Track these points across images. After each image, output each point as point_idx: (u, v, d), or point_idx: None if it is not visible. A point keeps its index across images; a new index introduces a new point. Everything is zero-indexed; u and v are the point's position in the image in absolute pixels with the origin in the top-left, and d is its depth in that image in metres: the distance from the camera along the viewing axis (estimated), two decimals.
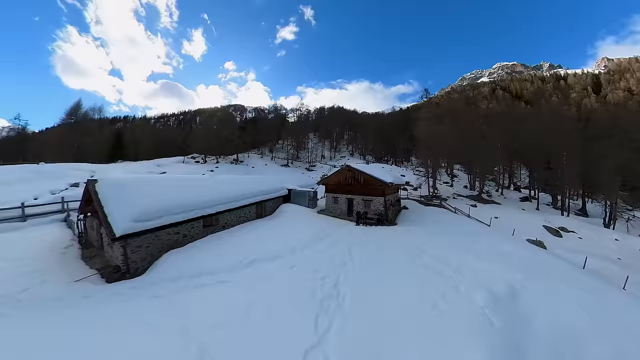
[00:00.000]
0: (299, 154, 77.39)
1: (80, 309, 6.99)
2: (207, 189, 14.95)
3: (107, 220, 9.42)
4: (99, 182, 10.68)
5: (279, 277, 9.04)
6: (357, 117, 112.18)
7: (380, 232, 15.13)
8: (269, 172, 49.68)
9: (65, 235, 13.10)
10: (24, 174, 23.48)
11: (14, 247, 10.89)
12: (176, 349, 5.33)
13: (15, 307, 6.99)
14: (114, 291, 8.17)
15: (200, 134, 59.39)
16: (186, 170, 42.85)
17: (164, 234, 11.08)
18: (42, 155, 43.62)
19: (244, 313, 6.84)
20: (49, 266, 9.81)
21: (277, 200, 20.61)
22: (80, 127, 53.84)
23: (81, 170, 29.81)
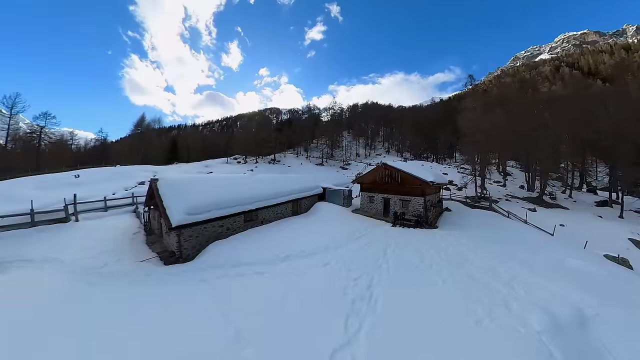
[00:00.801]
0: (333, 152, 77.37)
1: (144, 285, 8.41)
2: (248, 187, 16.01)
3: (166, 213, 10.91)
4: (159, 181, 12.36)
5: (312, 274, 9.19)
6: (393, 112, 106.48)
7: (418, 235, 14.19)
8: (304, 171, 50.89)
9: (134, 224, 15.64)
10: (105, 174, 28.84)
11: (99, 230, 13.54)
12: (217, 330, 5.96)
13: (98, 277, 8.65)
14: (169, 272, 9.55)
15: (240, 137, 64.45)
16: (229, 169, 46.63)
17: (210, 226, 12.31)
18: (118, 160, 52.07)
19: (279, 304, 7.20)
20: (122, 247, 11.98)
21: (312, 199, 20.98)
22: (144, 136, 64.98)
23: (146, 171, 34.90)
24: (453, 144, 64.08)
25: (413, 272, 9.46)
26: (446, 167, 52.77)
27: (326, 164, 65.22)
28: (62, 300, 6.74)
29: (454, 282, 8.56)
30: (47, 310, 6.16)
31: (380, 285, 8.37)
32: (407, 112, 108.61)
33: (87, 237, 12.48)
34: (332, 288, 8.21)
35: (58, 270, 8.97)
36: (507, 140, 33.35)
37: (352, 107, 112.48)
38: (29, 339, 5.16)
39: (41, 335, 5.33)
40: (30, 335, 5.26)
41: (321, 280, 8.74)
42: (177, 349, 5.35)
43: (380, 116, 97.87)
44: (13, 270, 8.40)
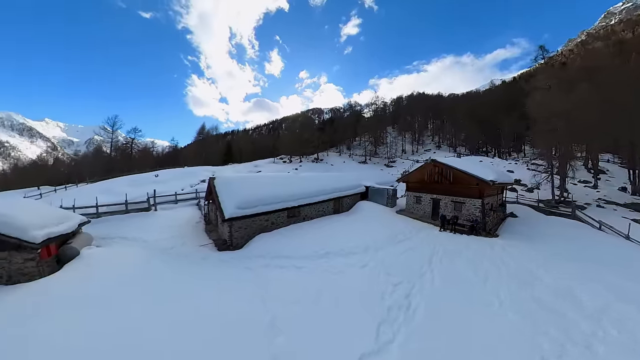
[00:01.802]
0: (377, 149, 74.72)
1: (202, 267, 10.06)
2: (292, 185, 16.81)
3: (221, 206, 12.46)
4: (216, 179, 14.18)
5: (349, 274, 9.13)
6: (443, 102, 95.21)
7: (473, 244, 12.52)
8: (347, 169, 50.56)
9: (197, 214, 18.25)
10: (176, 174, 34.69)
11: (170, 219, 16.32)
12: (256, 315, 6.55)
13: (168, 257, 10.84)
14: (220, 258, 11.11)
15: (285, 138, 67.92)
16: (276, 168, 49.60)
17: (257, 220, 13.47)
18: (186, 162, 61.04)
19: (314, 299, 7.43)
20: (186, 233, 14.32)
21: (354, 197, 20.70)
22: (205, 142, 77.49)
23: (207, 171, 40.08)
24: (521, 135, 52.18)
25: (463, 286, 8.38)
26: (512, 163, 45.10)
27: (369, 162, 63.48)
28: (142, 271, 8.96)
29: (515, 305, 7.17)
30: (131, 278, 8.42)
31: (422, 295, 7.74)
32: (460, 100, 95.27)
33: (162, 223, 15.26)
34: (368, 291, 7.99)
35: (142, 247, 11.67)
36: (599, 126, 24.45)
37: (395, 101, 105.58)
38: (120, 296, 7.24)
39: (127, 295, 7.31)
40: (121, 294, 7.34)
41: (358, 281, 8.60)
42: (224, 328, 6.05)
43: (428, 107, 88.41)
44: (114, 244, 11.84)
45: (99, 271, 8.70)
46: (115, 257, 10.06)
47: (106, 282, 8.01)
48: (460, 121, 68.29)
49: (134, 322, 6.16)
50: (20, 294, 7.16)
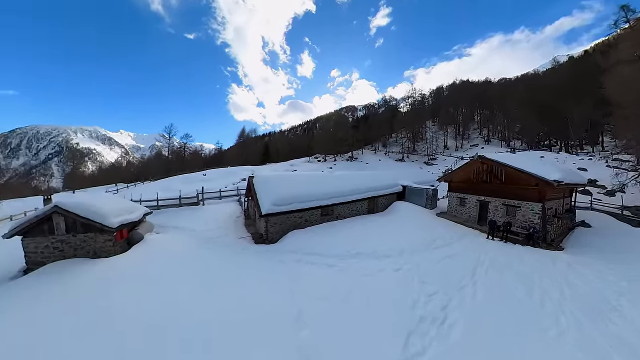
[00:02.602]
0: (416, 146, 70.23)
1: (242, 256, 11.01)
2: (325, 183, 16.92)
3: (258, 203, 13.29)
4: (254, 178, 15.15)
5: (381, 277, 8.81)
6: (491, 89, 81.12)
7: (528, 256, 10.66)
8: (383, 168, 48.85)
9: (238, 209, 19.81)
10: (220, 173, 38.72)
11: (215, 212, 18.06)
12: (285, 307, 6.88)
13: (214, 245, 12.21)
14: (257, 250, 11.97)
15: (319, 137, 68.68)
16: (310, 167, 50.58)
17: (292, 217, 13.96)
18: (229, 162, 66.31)
19: (343, 298, 7.43)
20: (228, 226, 15.76)
21: (389, 197, 19.88)
22: (245, 144, 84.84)
23: (247, 170, 43.07)
24: (597, 123, 41.40)
25: (512, 305, 7.18)
26: (584, 159, 37.13)
27: (407, 160, 60.27)
28: (193, 256, 10.40)
29: (581, 339, 5.76)
30: (183, 261, 9.88)
31: (460, 310, 6.91)
32: (513, 85, 78.95)
33: (209, 216, 17.06)
34: (400, 297, 7.57)
35: (191, 235, 13.46)
36: None
37: (435, 92, 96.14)
38: (175, 276, 8.54)
39: (180, 276, 8.58)
40: (175, 274, 8.67)
41: (389, 286, 8.25)
42: (259, 316, 6.52)
43: (474, 96, 77.50)
44: (169, 231, 13.97)
45: (158, 253, 10.51)
46: (170, 242, 12.03)
47: (164, 263, 9.62)
48: (515, 110, 56.76)
49: (187, 302, 7.12)
50: (102, 267, 8.91)
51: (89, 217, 10.07)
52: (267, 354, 5.32)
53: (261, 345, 5.56)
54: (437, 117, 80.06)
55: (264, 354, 5.32)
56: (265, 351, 5.39)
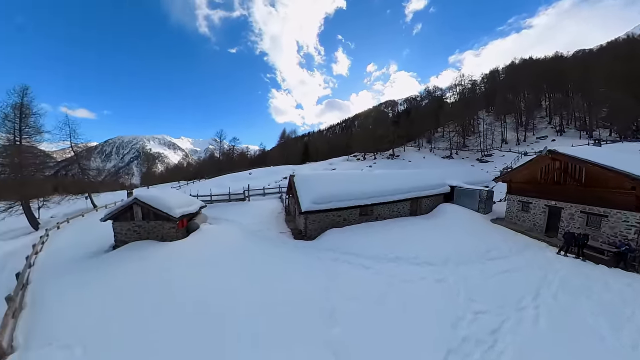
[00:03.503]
0: (466, 141, 63.20)
1: (282, 249, 11.79)
2: (365, 182, 16.51)
3: (298, 200, 13.74)
4: (295, 176, 15.73)
5: (421, 285, 8.16)
6: (565, 64, 63.16)
7: (616, 281, 8.08)
8: (427, 166, 45.48)
9: (279, 206, 20.95)
10: (264, 172, 41.64)
11: (259, 208, 19.57)
12: (319, 304, 7.08)
13: (257, 238, 13.41)
14: (296, 245, 12.47)
15: (358, 135, 67.42)
16: (349, 166, 50.15)
17: (330, 215, 14.06)
18: (272, 162, 70.40)
19: (377, 300, 7.25)
20: (270, 221, 16.84)
21: (435, 199, 18.30)
22: (286, 144, 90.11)
23: (288, 169, 45.18)
24: None
25: (589, 344, 5.56)
26: None
27: (456, 157, 54.92)
28: (240, 246, 11.69)
29: None
30: (232, 249, 11.33)
31: (514, 337, 5.79)
32: (596, 56, 61.22)
33: (253, 211, 18.65)
34: (440, 310, 6.87)
35: (238, 228, 15.02)
36: None
37: (488, 76, 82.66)
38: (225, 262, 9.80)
39: (229, 263, 9.79)
40: (225, 260, 9.97)
41: (430, 296, 7.58)
42: (294, 310, 6.87)
43: (540, 76, 61.31)
44: (220, 223, 15.92)
45: (211, 241, 12.21)
46: (221, 233, 13.82)
47: (216, 250, 11.13)
48: (600, 90, 43.30)
49: (235, 289, 7.99)
50: (167, 248, 11.00)
51: (158, 207, 12.33)
52: (304, 349, 5.52)
53: (299, 340, 5.80)
54: (492, 105, 68.59)
55: (301, 349, 5.54)
56: (302, 346, 5.61)
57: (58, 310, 7.22)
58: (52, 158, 32.78)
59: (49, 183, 29.21)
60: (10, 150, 23.17)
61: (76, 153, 30.93)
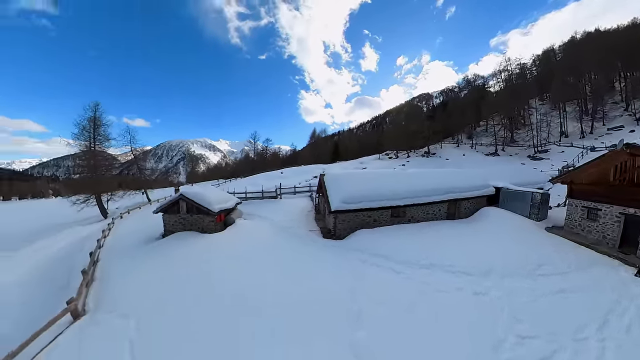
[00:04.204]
0: (515, 135, 56.21)
1: (311, 247, 12.06)
2: (397, 182, 15.74)
3: (328, 200, 13.71)
4: (325, 176, 15.74)
5: (456, 296, 7.45)
6: None
7: None
8: (468, 165, 41.68)
9: (309, 204, 21.34)
10: (295, 171, 42.62)
11: (290, 206, 20.22)
12: (344, 305, 6.99)
13: (287, 234, 14.01)
14: (325, 244, 12.54)
15: (390, 132, 64.68)
16: (381, 165, 48.64)
17: (360, 215, 13.75)
18: (302, 161, 72.04)
19: (407, 307, 6.84)
20: (300, 219, 17.29)
21: (476, 201, 16.61)
22: (316, 144, 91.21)
23: (318, 168, 45.67)
24: None
25: None
26: None
27: (502, 154, 49.45)
28: (272, 242, 12.48)
29: None
30: (265, 244, 12.17)
31: None
32: None
33: (284, 209, 19.37)
34: (477, 326, 6.15)
35: (270, 224, 15.90)
36: None
37: (541, 57, 70.51)
38: (258, 256, 10.55)
39: (262, 257, 10.51)
40: (258, 254, 10.72)
41: (466, 309, 6.82)
42: (321, 309, 6.92)
43: (610, 51, 47.99)
44: (254, 219, 16.99)
45: (245, 235, 13.26)
46: (254, 228, 14.83)
47: (249, 244, 12.06)
48: None
49: (267, 283, 8.43)
50: (206, 240, 12.45)
51: (200, 203, 13.79)
52: (328, 348, 5.54)
53: (324, 339, 5.83)
54: (547, 92, 58.70)
55: (326, 348, 5.56)
56: (327, 345, 5.62)
57: (119, 285, 8.87)
58: (117, 160, 39.60)
59: (115, 181, 35.19)
60: (87, 154, 28.73)
61: (135, 156, 37.09)
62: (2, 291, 10.82)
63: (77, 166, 30.76)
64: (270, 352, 5.52)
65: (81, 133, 28.13)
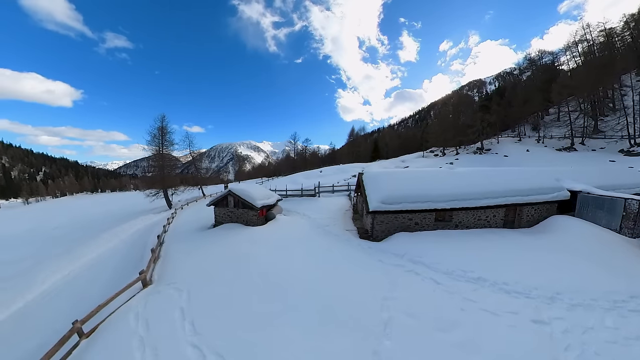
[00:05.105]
0: (600, 123, 44.61)
1: (346, 246, 12.21)
2: (443, 182, 14.36)
3: (366, 199, 13.34)
4: (364, 175, 15.38)
5: (507, 321, 6.17)
6: None
7: None
8: (533, 162, 35.55)
9: (347, 204, 21.38)
10: (333, 170, 43.60)
11: (328, 204, 20.72)
12: (374, 311, 6.73)
13: (323, 232, 14.51)
14: (360, 245, 12.38)
15: (434, 127, 59.24)
16: (425, 164, 45.46)
17: (400, 217, 13.03)
18: (340, 160, 72.08)
19: (445, 325, 6.04)
20: (337, 217, 17.47)
21: (544, 207, 13.88)
22: (355, 142, 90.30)
23: (357, 167, 45.30)
24: None
25: None
26: None
27: (582, 148, 40.47)
28: (307, 237, 13.43)
29: None
30: (301, 239, 13.11)
31: None
32: None
33: (322, 207, 19.92)
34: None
35: (308, 221, 16.77)
36: None
37: (637, 16, 48.02)
38: (295, 248, 11.50)
39: (299, 250, 11.42)
40: (295, 247, 11.65)
41: (518, 339, 5.60)
42: (349, 308, 6.87)
43: None
44: (293, 215, 18.24)
45: (283, 230, 14.36)
46: (293, 224, 15.84)
47: (287, 237, 13.15)
48: None
49: (300, 275, 8.92)
50: (249, 231, 14.24)
51: (245, 198, 15.51)
52: (349, 352, 5.41)
53: (346, 339, 5.72)
54: None
55: (346, 351, 5.43)
56: (348, 349, 5.49)
57: (177, 264, 10.91)
58: (179, 161, 47.93)
59: (177, 178, 42.58)
60: (157, 157, 35.97)
61: (193, 157, 44.57)
62: (102, 259, 15.51)
63: (150, 166, 38.10)
64: (291, 336, 5.84)
65: (152, 140, 35.30)
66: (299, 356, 5.27)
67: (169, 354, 5.54)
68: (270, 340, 5.75)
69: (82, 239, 20.24)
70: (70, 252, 16.99)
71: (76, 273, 13.66)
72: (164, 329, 6.42)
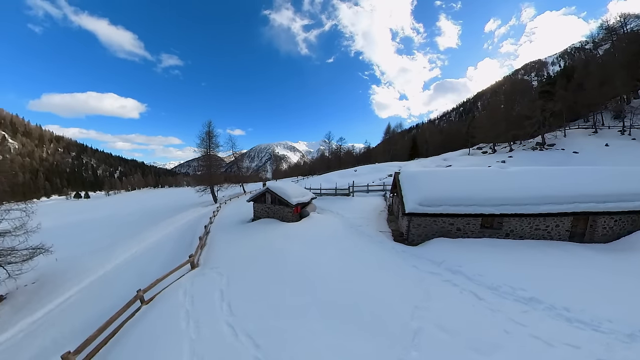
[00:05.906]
0: None
1: (378, 248, 11.96)
2: (492, 183, 12.79)
3: (402, 200, 12.67)
4: (401, 174, 14.57)
5: (564, 354, 5.05)
6: None
7: None
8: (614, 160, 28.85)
9: (382, 204, 20.84)
10: (368, 169, 42.59)
11: (362, 204, 20.69)
12: (403, 317, 6.43)
13: (356, 232, 14.58)
14: (394, 247, 11.88)
15: (483, 120, 52.37)
16: (471, 162, 41.26)
17: (439, 221, 12.00)
18: (376, 159, 70.08)
19: (482, 347, 5.29)
20: (371, 218, 17.15)
21: (627, 219, 11.22)
22: (391, 140, 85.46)
23: (393, 166, 43.67)
24: None
25: None
26: None
27: None
28: (340, 236, 13.66)
29: None
30: (333, 237, 13.39)
31: None
32: None
33: (356, 206, 19.86)
34: None
35: (341, 220, 16.97)
36: None
37: None
38: (327, 246, 11.95)
39: (331, 247, 11.74)
40: (327, 245, 12.12)
41: None
42: (377, 313, 6.65)
43: None
44: (326, 213, 18.73)
45: (317, 227, 14.95)
46: (326, 222, 16.25)
47: (319, 234, 13.69)
48: None
49: (331, 273, 9.06)
50: (285, 227, 15.16)
51: (282, 196, 16.48)
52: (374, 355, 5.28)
53: (369, 346, 5.53)
54: None
55: (369, 357, 5.28)
56: (371, 355, 5.31)
57: (220, 252, 12.30)
58: (223, 161, 53.48)
59: (222, 176, 47.58)
60: (205, 158, 41.18)
61: (235, 158, 49.34)
62: (160, 242, 18.76)
63: (199, 166, 43.30)
64: (316, 330, 5.97)
65: (201, 143, 40.77)
66: (321, 351, 5.33)
67: (208, 328, 6.29)
68: (296, 331, 5.96)
69: (146, 225, 25.85)
70: (137, 235, 21.73)
71: (140, 252, 17.41)
72: (205, 306, 7.33)
